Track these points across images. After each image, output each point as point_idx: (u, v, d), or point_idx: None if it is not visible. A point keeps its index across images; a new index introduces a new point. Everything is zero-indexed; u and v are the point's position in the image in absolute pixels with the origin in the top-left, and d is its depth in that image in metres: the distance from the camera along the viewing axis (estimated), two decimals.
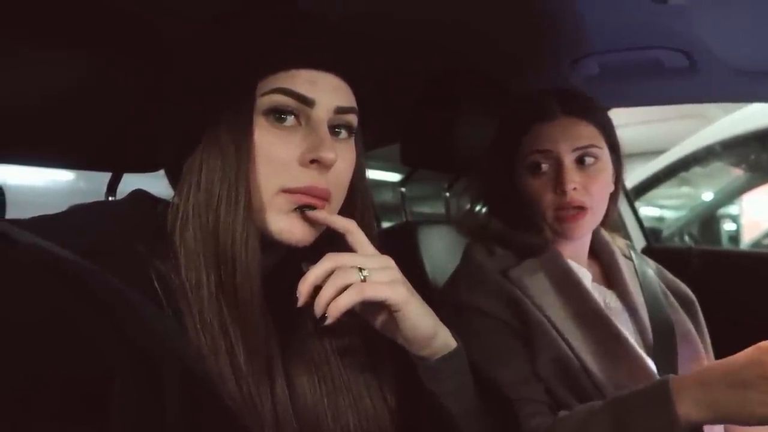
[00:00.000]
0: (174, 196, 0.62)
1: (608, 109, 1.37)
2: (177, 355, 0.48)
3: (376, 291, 0.58)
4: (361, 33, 0.66)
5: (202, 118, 0.59)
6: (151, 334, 0.47)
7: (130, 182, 0.77)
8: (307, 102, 0.60)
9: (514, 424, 0.72)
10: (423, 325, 0.62)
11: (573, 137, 0.92)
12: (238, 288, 0.57)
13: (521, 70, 1.29)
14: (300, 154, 0.59)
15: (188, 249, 0.58)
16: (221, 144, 0.58)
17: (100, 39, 0.69)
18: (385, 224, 1.62)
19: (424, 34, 1.06)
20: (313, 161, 0.59)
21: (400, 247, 1.22)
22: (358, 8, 0.91)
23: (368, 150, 0.72)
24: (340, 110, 0.62)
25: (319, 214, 0.60)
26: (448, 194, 1.46)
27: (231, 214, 0.57)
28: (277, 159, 0.59)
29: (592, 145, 0.93)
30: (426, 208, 3.42)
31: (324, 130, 0.61)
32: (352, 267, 0.58)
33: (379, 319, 0.63)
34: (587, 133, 0.93)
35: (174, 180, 0.63)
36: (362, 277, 0.57)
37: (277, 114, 0.59)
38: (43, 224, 0.54)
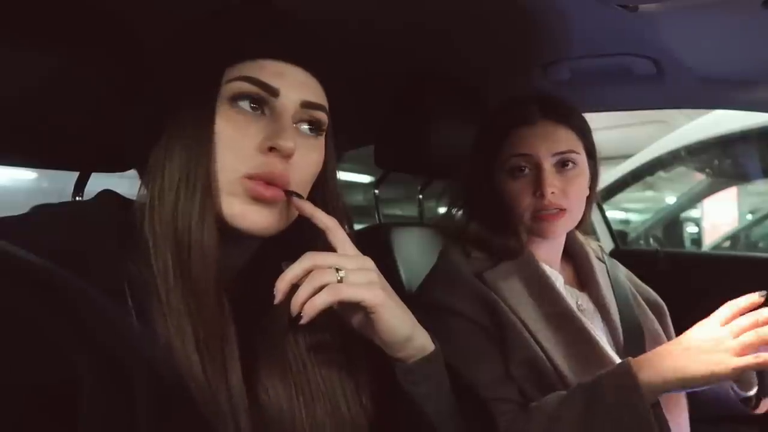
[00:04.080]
0: (140, 187, 0.61)
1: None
2: (146, 357, 0.47)
3: (352, 292, 0.57)
4: (336, 35, 0.65)
5: (167, 108, 0.59)
6: (118, 336, 0.46)
7: (97, 183, 0.75)
8: (272, 91, 0.59)
9: (491, 426, 0.73)
10: (399, 327, 0.61)
11: (553, 142, 0.94)
12: (192, 270, 0.56)
13: (494, 75, 1.30)
14: (259, 141, 0.59)
15: (156, 236, 0.57)
16: (184, 132, 0.58)
17: (70, 35, 0.67)
18: (357, 226, 1.62)
19: (399, 37, 1.06)
20: (271, 149, 0.59)
21: (374, 249, 1.22)
22: (333, 11, 0.90)
23: (342, 151, 0.71)
24: (307, 104, 0.62)
25: (305, 205, 0.60)
26: (421, 196, 1.46)
27: (189, 197, 0.57)
28: (237, 145, 0.58)
29: (571, 151, 0.94)
30: (397, 210, 3.43)
31: (286, 120, 0.60)
32: (329, 267, 0.57)
33: (357, 320, 0.62)
34: (566, 139, 0.95)
35: (143, 175, 0.62)
36: (339, 278, 0.57)
37: (240, 101, 0.59)
38: (8, 224, 0.52)
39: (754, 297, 0.78)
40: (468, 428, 0.68)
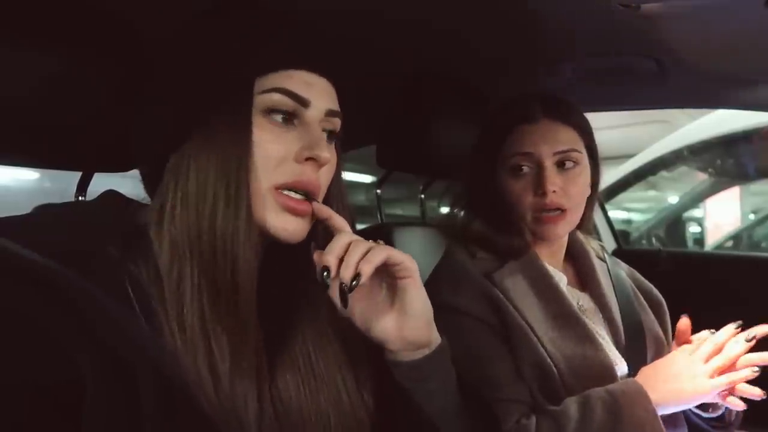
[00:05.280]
0: (157, 193, 0.61)
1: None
2: (150, 357, 0.47)
3: (397, 253, 0.61)
4: (339, 33, 0.65)
5: (192, 114, 0.59)
6: (122, 336, 0.46)
7: (100, 183, 0.75)
8: (303, 102, 0.61)
9: (494, 426, 0.73)
10: (426, 301, 0.65)
11: (554, 141, 0.93)
12: (240, 287, 0.57)
13: (497, 75, 1.30)
14: (296, 151, 0.60)
15: (173, 245, 0.57)
16: (217, 140, 0.58)
17: (72, 36, 0.68)
18: (360, 226, 1.62)
19: (401, 37, 1.06)
20: (308, 159, 0.60)
21: None
22: (337, 6, 0.91)
23: (344, 151, 0.71)
24: (330, 113, 0.64)
25: (324, 208, 0.62)
26: (423, 196, 1.46)
27: (231, 211, 0.57)
28: (274, 156, 0.60)
29: (573, 149, 0.94)
30: (399, 210, 3.43)
31: (318, 130, 0.62)
32: (366, 241, 0.60)
33: (380, 304, 0.64)
34: (568, 137, 0.95)
35: (150, 178, 0.62)
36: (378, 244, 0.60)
37: (274, 113, 0.60)
38: (11, 224, 0.52)
39: (706, 333, 0.90)
40: (472, 427, 0.68)
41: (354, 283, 0.57)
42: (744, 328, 0.86)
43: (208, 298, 0.56)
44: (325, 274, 0.57)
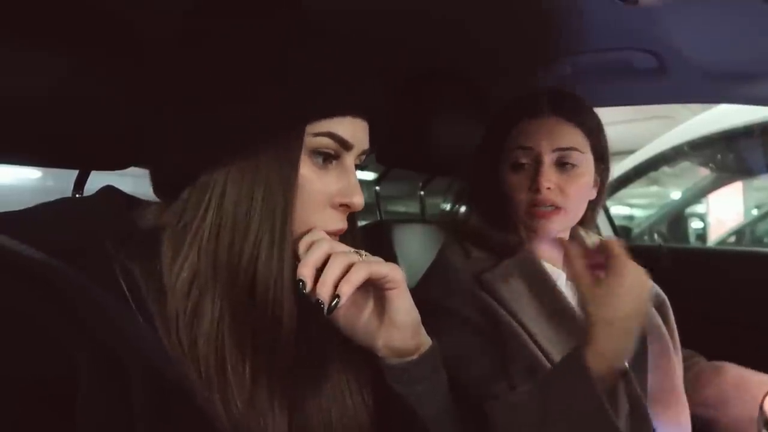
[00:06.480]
0: (177, 203, 0.58)
1: None
2: (145, 356, 0.47)
3: (378, 268, 0.58)
4: (340, 31, 0.65)
5: (236, 137, 0.55)
6: (118, 334, 0.46)
7: (98, 182, 0.75)
8: (347, 147, 0.60)
9: (485, 425, 0.73)
10: (413, 308, 0.63)
11: (556, 137, 0.92)
12: (284, 328, 0.56)
13: (496, 72, 1.29)
14: (331, 194, 0.60)
15: (193, 268, 0.55)
16: (263, 173, 0.55)
17: (71, 36, 0.68)
18: (360, 223, 1.61)
19: (400, 35, 1.06)
20: (342, 205, 0.60)
21: (375, 245, 1.22)
22: (337, 5, 0.90)
23: None
24: (363, 152, 0.64)
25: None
26: (422, 193, 1.46)
27: (275, 255, 0.55)
28: (315, 198, 0.59)
29: (573, 148, 0.92)
30: (401, 207, 3.43)
31: (354, 174, 0.62)
32: (348, 252, 0.58)
33: (374, 302, 0.63)
34: (571, 136, 0.93)
35: (161, 184, 0.61)
36: (360, 258, 0.58)
37: (318, 154, 0.59)
38: (8, 220, 0.52)
39: None
40: (464, 429, 0.68)
41: (334, 303, 0.54)
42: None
43: (229, 333, 0.55)
44: (300, 284, 0.54)
